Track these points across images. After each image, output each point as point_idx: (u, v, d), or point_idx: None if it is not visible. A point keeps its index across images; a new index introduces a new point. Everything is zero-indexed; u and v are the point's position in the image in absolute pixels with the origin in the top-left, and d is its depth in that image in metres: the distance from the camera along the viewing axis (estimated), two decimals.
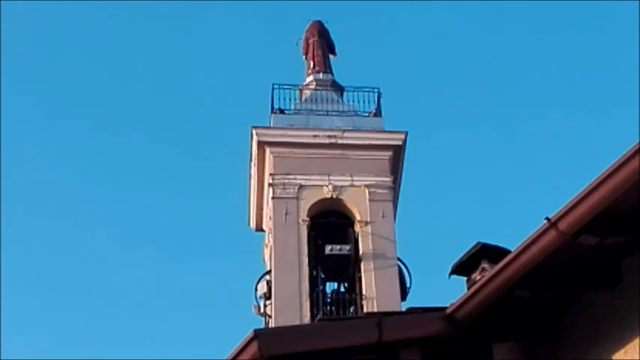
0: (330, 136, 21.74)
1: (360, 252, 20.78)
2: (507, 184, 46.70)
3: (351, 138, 21.78)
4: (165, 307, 45.06)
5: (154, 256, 46.11)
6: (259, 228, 23.33)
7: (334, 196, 21.30)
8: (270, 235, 21.55)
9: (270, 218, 21.41)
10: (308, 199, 21.20)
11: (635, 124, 27.43)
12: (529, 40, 48.59)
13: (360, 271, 20.66)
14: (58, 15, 48.16)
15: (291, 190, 21.21)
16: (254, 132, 21.87)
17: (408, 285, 20.84)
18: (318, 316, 19.68)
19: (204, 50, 48.48)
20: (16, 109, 46.07)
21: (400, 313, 10.02)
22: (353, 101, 22.95)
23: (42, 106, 47.53)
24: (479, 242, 9.10)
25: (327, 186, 21.33)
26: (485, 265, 8.97)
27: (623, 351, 7.93)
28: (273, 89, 22.58)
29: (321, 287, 21.27)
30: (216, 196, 44.37)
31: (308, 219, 20.97)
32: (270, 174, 21.43)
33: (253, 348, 7.60)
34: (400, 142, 21.91)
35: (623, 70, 46.91)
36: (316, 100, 22.88)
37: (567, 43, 47.96)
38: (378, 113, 22.56)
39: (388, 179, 21.47)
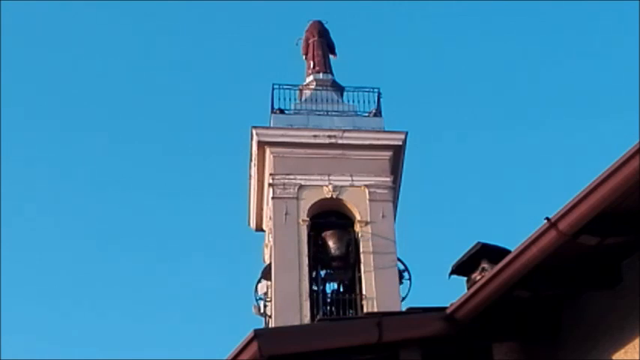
0: (330, 136, 21.72)
1: (360, 252, 20.78)
2: (507, 184, 46.71)
3: (351, 138, 21.76)
4: (166, 307, 45.09)
5: (153, 257, 46.14)
6: (259, 228, 23.31)
7: (334, 196, 21.28)
8: (270, 235, 21.54)
9: (270, 218, 21.40)
10: (308, 199, 21.19)
11: (635, 124, 27.42)
12: (529, 40, 48.62)
13: (360, 271, 20.65)
14: (58, 15, 48.19)
15: (291, 190, 21.20)
16: (254, 132, 21.86)
17: (407, 285, 20.85)
18: (318, 316, 19.67)
19: (204, 50, 48.52)
20: (15, 110, 46.10)
21: (400, 313, 10.03)
22: (353, 101, 22.93)
23: (41, 106, 47.56)
24: (479, 242, 9.11)
25: (327, 186, 21.31)
26: (485, 265, 8.98)
27: (623, 351, 7.93)
28: (273, 89, 22.57)
29: (321, 287, 21.25)
30: (216, 196, 44.40)
31: (308, 219, 20.96)
32: (270, 174, 21.42)
33: (253, 348, 7.60)
34: (400, 142, 21.89)
35: (623, 70, 46.92)
36: (316, 100, 22.86)
37: (567, 43, 48.00)
38: (378, 113, 22.54)
39: (388, 179, 21.46)
